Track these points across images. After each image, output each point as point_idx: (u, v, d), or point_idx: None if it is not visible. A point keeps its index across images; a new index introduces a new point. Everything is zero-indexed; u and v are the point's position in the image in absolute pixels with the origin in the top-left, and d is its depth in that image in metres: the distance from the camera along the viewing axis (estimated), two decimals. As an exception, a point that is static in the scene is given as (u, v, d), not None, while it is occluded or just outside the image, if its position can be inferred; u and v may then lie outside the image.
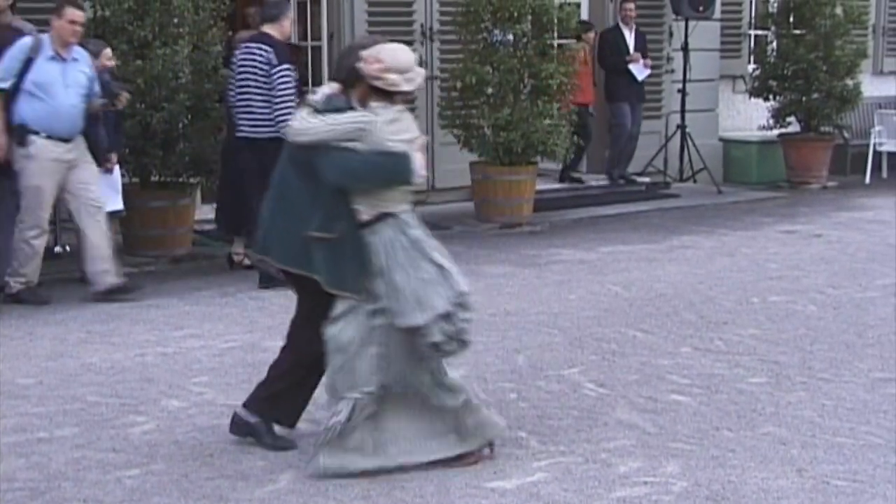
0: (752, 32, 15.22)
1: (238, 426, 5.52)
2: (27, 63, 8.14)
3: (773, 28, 14.97)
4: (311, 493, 4.98)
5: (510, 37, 11.41)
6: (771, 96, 14.60)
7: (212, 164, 9.77)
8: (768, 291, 8.81)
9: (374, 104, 5.06)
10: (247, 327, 7.77)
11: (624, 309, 8.26)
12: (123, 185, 9.36)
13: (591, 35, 13.52)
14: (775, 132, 14.73)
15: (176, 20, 9.67)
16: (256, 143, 8.65)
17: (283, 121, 7.98)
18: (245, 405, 5.52)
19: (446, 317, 5.02)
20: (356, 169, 5.02)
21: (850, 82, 14.36)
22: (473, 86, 11.48)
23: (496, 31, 11.45)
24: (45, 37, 8.25)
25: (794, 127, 14.70)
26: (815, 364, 6.91)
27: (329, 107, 5.06)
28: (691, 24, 13.90)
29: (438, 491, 4.99)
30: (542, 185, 12.28)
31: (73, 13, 8.21)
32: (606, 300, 8.55)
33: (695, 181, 14.19)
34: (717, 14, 14.43)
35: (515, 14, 11.54)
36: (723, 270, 9.64)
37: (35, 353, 7.11)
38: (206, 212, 9.75)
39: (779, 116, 14.57)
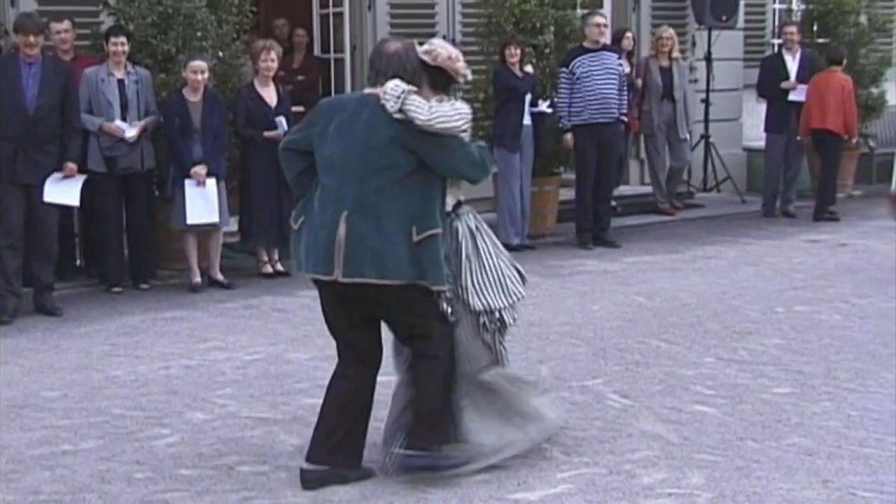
0: (776, 41, 15.16)
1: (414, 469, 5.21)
2: None
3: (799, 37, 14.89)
4: (335, 505, 4.99)
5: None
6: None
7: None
8: (793, 301, 8.77)
9: (435, 97, 5.07)
10: (270, 339, 7.78)
11: (647, 319, 8.24)
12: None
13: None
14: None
15: (199, 34, 9.72)
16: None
17: None
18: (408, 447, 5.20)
19: (512, 306, 5.23)
20: (479, 159, 5.08)
21: (875, 91, 14.31)
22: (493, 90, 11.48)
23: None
24: None
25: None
26: (841, 374, 6.87)
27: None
28: (714, 33, 13.87)
29: (462, 502, 4.99)
30: (565, 196, 12.24)
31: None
32: (630, 310, 8.53)
33: (719, 191, 14.15)
34: (741, 23, 14.40)
35: (538, 25, 11.55)
36: (747, 280, 9.61)
37: (60, 365, 7.14)
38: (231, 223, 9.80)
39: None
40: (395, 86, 4.94)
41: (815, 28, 14.62)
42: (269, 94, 9.75)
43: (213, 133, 9.31)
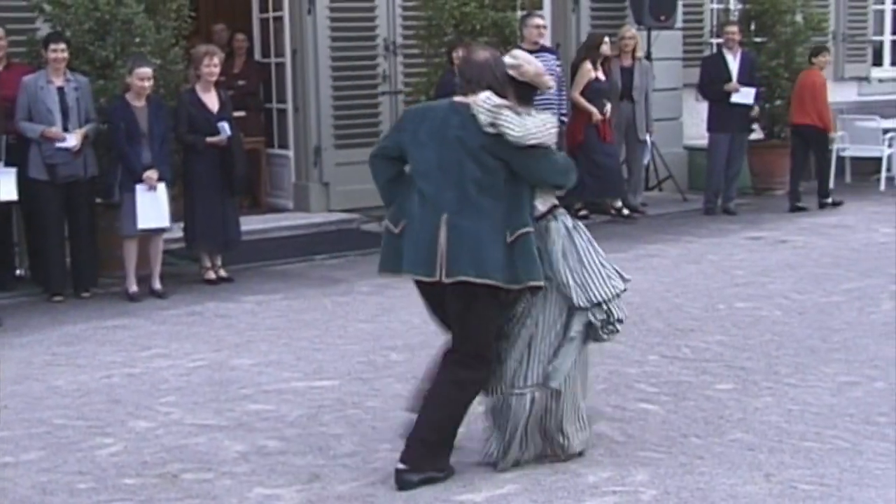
0: (714, 41, 15.29)
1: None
2: None
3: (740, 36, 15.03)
4: (280, 510, 4.98)
5: None
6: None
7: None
8: (734, 298, 8.85)
9: (521, 108, 5.20)
10: (214, 345, 7.74)
11: (591, 319, 8.27)
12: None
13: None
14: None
15: (137, 39, 9.64)
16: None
17: None
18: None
19: (618, 296, 5.37)
20: (563, 168, 5.31)
21: (811, 89, 14.43)
22: (438, 99, 11.48)
23: None
24: None
25: (758, 134, 14.77)
26: (782, 369, 6.95)
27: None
28: (653, 33, 13.96)
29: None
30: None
31: None
32: (574, 310, 8.56)
33: (660, 189, 14.24)
34: (679, 23, 14.50)
35: (478, 27, 11.57)
36: (689, 278, 9.69)
37: (0, 376, 7.06)
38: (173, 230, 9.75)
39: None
40: (486, 98, 5.11)
41: (752, 27, 14.74)
42: (211, 100, 9.70)
43: (159, 138, 9.27)
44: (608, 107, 12.28)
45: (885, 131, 15.16)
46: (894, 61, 18.30)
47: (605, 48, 12.50)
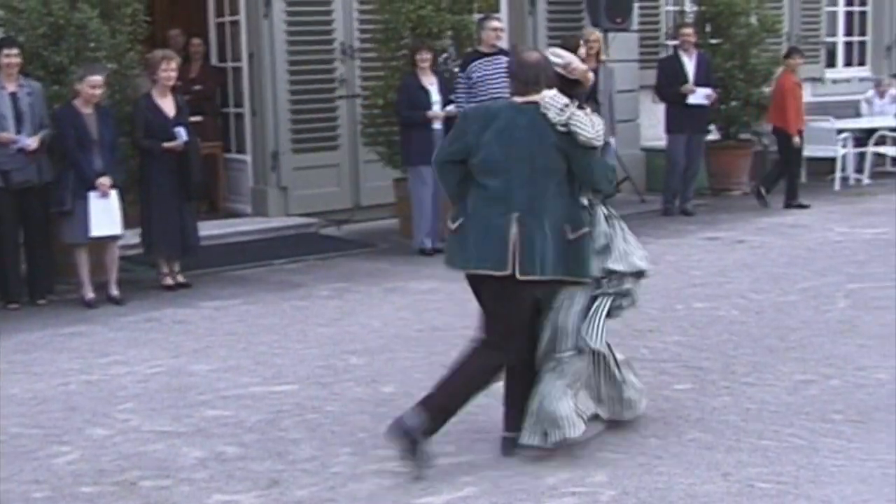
0: (670, 43, 15.37)
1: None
2: None
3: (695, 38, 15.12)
4: (239, 516, 4.97)
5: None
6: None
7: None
8: (692, 298, 8.90)
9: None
10: (172, 352, 7.70)
11: (550, 320, 8.29)
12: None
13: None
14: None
15: (92, 44, 9.58)
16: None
17: None
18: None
19: (640, 274, 5.75)
20: (611, 174, 5.72)
21: (766, 90, 14.56)
22: (395, 102, 11.48)
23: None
24: None
25: (714, 135, 14.88)
26: (739, 368, 6.99)
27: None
28: (610, 35, 14.01)
29: (367, 509, 5.00)
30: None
31: None
32: (533, 312, 8.57)
33: (619, 191, 14.29)
34: (635, 25, 14.57)
35: (436, 30, 11.58)
36: (647, 278, 9.69)
37: (-45, 385, 7.00)
38: (128, 236, 9.68)
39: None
40: (554, 96, 5.36)
41: (707, 29, 14.84)
42: (168, 105, 9.64)
43: (109, 144, 9.21)
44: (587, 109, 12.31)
45: (840, 132, 15.30)
46: (848, 62, 18.49)
47: (582, 51, 12.54)
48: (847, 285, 9.19)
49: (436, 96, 10.96)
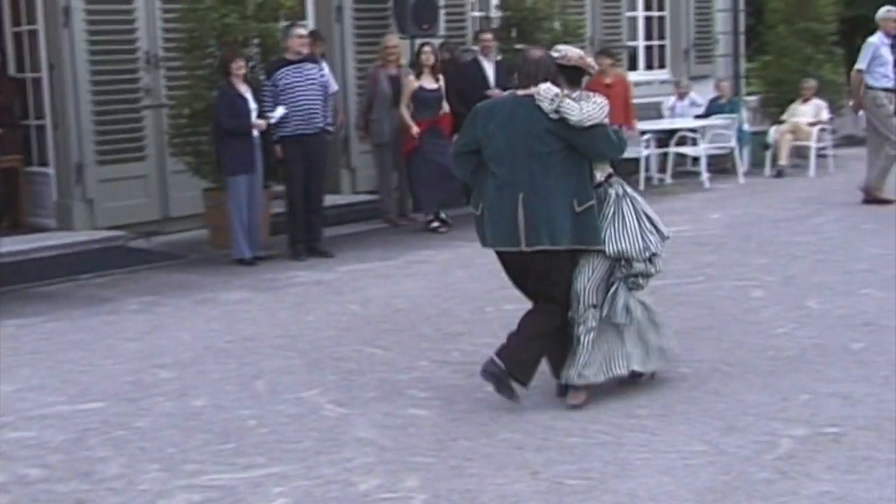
0: (476, 48, 15.55)
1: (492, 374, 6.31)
2: None
3: (495, 43, 15.33)
4: None
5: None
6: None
7: None
8: (502, 300, 8.97)
9: (573, 91, 6.23)
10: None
11: (362, 327, 8.32)
12: None
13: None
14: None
15: None
16: None
17: None
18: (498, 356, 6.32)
19: (654, 256, 6.35)
20: (616, 142, 6.27)
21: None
22: (202, 112, 11.34)
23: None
24: None
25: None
26: (547, 369, 7.09)
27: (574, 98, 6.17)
28: (417, 41, 14.11)
29: (177, 526, 4.92)
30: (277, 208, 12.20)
31: None
32: (345, 319, 8.59)
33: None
34: (442, 31, 14.71)
35: (241, 38, 11.48)
36: (459, 282, 9.83)
37: None
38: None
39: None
40: (547, 88, 6.10)
41: (513, 34, 15.07)
42: (-39, 118, 9.34)
43: None
44: (445, 108, 12.62)
45: (642, 133, 15.73)
46: (649, 65, 19.04)
47: (424, 57, 12.64)
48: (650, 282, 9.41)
49: (252, 104, 10.85)
